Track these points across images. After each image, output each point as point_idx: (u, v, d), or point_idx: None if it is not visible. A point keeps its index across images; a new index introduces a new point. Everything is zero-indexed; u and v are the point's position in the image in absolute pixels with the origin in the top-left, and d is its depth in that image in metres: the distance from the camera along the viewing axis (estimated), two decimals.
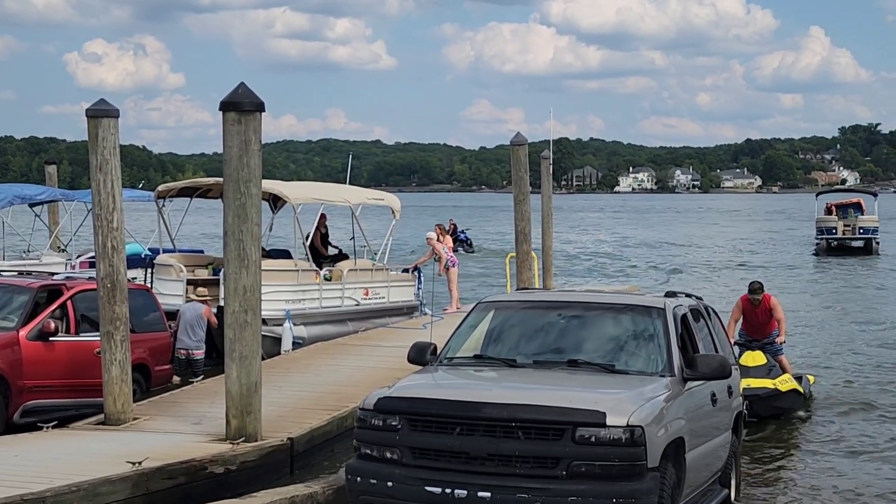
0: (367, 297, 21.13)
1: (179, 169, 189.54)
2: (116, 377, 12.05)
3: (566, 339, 9.28)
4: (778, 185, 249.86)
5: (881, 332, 24.40)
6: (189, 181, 23.01)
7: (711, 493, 9.62)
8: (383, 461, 8.00)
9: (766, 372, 15.11)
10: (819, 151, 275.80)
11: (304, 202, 20.50)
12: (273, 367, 15.24)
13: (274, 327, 18.08)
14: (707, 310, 10.68)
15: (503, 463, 7.66)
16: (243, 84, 11.26)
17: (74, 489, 8.84)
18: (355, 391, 13.02)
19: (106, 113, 12.06)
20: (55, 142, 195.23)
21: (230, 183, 11.06)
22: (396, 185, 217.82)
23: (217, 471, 10.18)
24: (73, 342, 13.71)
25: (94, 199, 12.12)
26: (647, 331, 9.15)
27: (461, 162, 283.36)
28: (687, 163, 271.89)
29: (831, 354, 21.17)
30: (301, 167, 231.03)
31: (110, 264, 12.09)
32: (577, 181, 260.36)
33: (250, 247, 11.08)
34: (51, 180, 32.28)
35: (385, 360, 15.72)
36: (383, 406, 8.13)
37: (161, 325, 15.47)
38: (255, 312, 11.18)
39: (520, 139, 22.33)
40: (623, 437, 7.54)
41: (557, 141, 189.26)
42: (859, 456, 13.19)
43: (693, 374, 8.85)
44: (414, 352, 9.40)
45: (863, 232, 51.73)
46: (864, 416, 15.43)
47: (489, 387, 8.69)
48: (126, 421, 12.03)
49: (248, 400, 11.09)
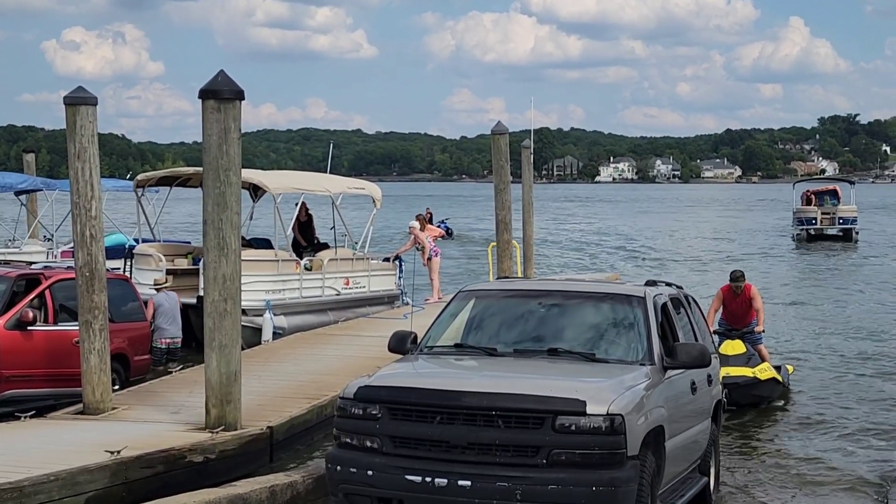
0: (348, 287, 21.09)
1: (159, 158, 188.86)
2: (95, 366, 12.00)
3: (546, 327, 9.27)
4: (758, 175, 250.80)
5: (860, 321, 24.53)
6: (168, 170, 22.95)
7: (691, 481, 9.66)
8: (363, 450, 7.98)
9: (746, 360, 15.19)
10: (798, 141, 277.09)
11: (284, 191, 20.44)
12: (253, 357, 15.21)
13: (254, 317, 18.04)
14: (687, 299, 10.71)
15: (483, 451, 7.66)
16: (223, 72, 11.21)
17: (52, 478, 8.80)
18: (335, 380, 13.01)
19: (84, 100, 11.99)
20: (33, 130, 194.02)
21: (209, 171, 11.01)
22: (377, 174, 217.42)
23: (196, 460, 10.15)
24: (52, 331, 13.64)
25: (73, 188, 12.05)
26: (627, 319, 9.16)
27: (442, 151, 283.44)
28: (667, 153, 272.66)
29: (811, 343, 21.26)
30: (282, 156, 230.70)
31: (89, 253, 12.02)
32: (558, 171, 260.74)
33: (230, 235, 11.04)
34: (29, 169, 32.10)
35: (365, 350, 15.70)
36: (363, 395, 8.11)
37: (140, 315, 15.41)
38: (235, 301, 11.14)
39: (500, 128, 22.33)
40: (603, 426, 7.55)
41: (538, 130, 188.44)
42: (838, 443, 13.25)
43: (673, 363, 8.86)
44: (394, 341, 9.39)
45: (842, 222, 52.38)
46: (843, 404, 15.51)
47: (469, 376, 8.68)
48: (105, 410, 11.98)
49: (227, 389, 11.06)
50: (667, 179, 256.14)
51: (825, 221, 52.58)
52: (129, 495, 9.26)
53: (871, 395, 16.13)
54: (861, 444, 13.17)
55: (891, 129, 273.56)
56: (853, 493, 11.02)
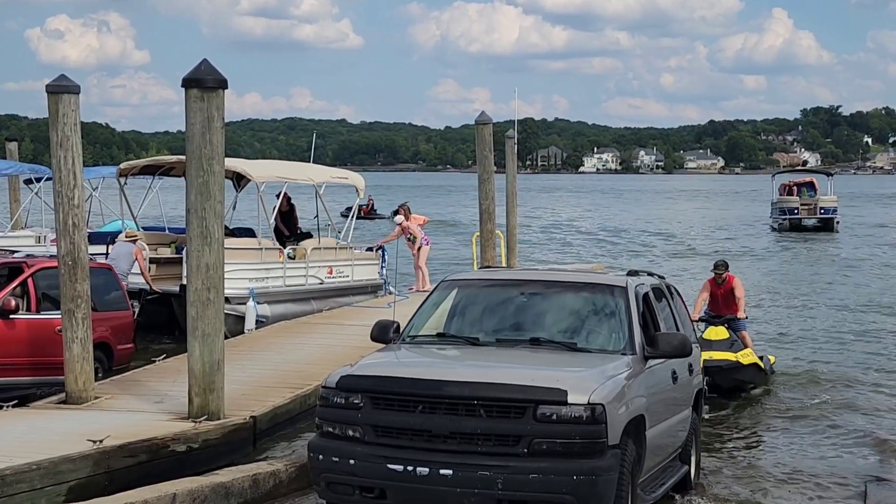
0: (331, 276, 21.09)
1: (143, 147, 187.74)
2: (78, 355, 11.97)
3: (528, 317, 9.30)
4: (740, 166, 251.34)
5: (841, 311, 24.68)
6: (152, 159, 22.85)
7: (672, 470, 9.72)
8: (345, 439, 8.00)
9: (729, 346, 15.37)
10: (781, 133, 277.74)
11: (268, 181, 20.42)
12: (236, 346, 15.20)
13: (237, 306, 18.02)
14: (669, 289, 10.76)
15: (465, 441, 7.68)
16: (206, 61, 11.18)
17: (35, 467, 8.80)
18: (318, 369, 13.00)
19: (66, 89, 11.95)
20: (17, 119, 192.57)
21: (193, 160, 11.00)
22: (362, 164, 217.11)
23: (179, 449, 10.15)
24: (34, 320, 13.62)
25: (55, 176, 12.02)
26: (608, 309, 9.20)
27: (426, 141, 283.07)
28: (651, 143, 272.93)
29: (793, 333, 21.36)
30: (266, 146, 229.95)
31: (71, 241, 11.99)
32: (542, 161, 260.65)
33: (213, 224, 11.03)
34: (12, 157, 32.03)
35: (349, 339, 15.71)
36: (345, 384, 8.13)
37: (123, 304, 15.38)
38: (218, 290, 11.13)
39: (484, 118, 22.34)
40: (584, 415, 7.58)
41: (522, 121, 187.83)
42: (818, 434, 13.33)
43: (654, 353, 8.91)
44: (377, 330, 9.41)
45: (823, 212, 53.49)
46: (825, 392, 15.61)
47: (451, 365, 8.71)
48: (87, 399, 11.96)
49: (210, 378, 11.05)
50: (650, 170, 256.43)
51: (806, 212, 53.39)
52: (111, 484, 9.26)
53: (852, 386, 16.22)
54: (841, 436, 13.24)
55: (872, 121, 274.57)
56: (831, 485, 11.06)
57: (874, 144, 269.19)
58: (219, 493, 9.13)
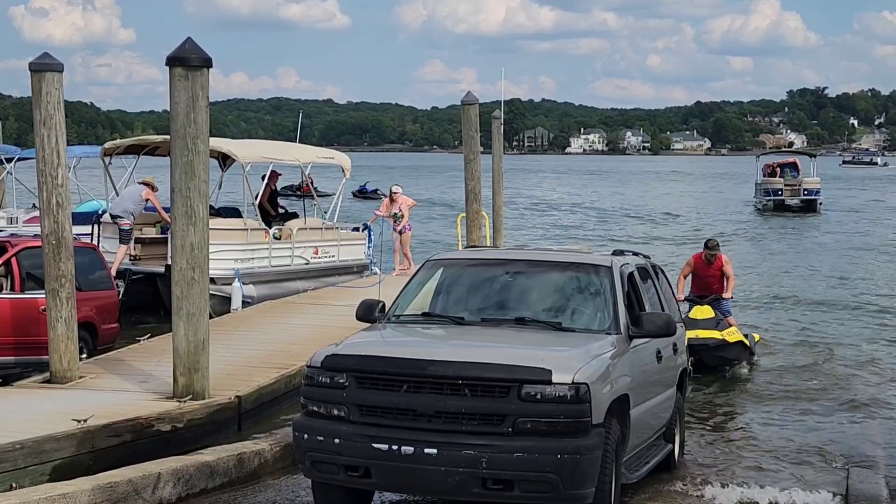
0: (317, 256, 21.07)
1: (128, 126, 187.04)
2: (62, 335, 11.95)
3: (513, 296, 9.31)
4: (727, 148, 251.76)
5: (826, 290, 24.83)
6: (136, 139, 22.75)
7: (656, 449, 9.76)
8: (330, 418, 8.00)
9: (715, 324, 15.45)
10: (767, 114, 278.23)
11: (253, 161, 20.36)
12: (221, 326, 15.18)
13: (223, 286, 17.99)
14: (654, 268, 10.77)
15: (450, 420, 7.68)
16: (190, 39, 11.13)
17: (19, 447, 8.79)
18: (304, 349, 12.97)
19: (49, 67, 11.89)
20: (1, 97, 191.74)
21: (177, 139, 10.96)
22: (348, 144, 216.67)
23: (164, 428, 10.15)
24: (18, 299, 13.57)
25: (38, 155, 11.96)
26: (593, 288, 9.20)
27: (413, 122, 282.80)
28: (638, 125, 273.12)
29: (777, 313, 21.46)
30: (252, 126, 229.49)
31: (55, 220, 11.95)
32: (529, 142, 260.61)
33: (198, 203, 11.00)
34: None
35: (334, 319, 15.71)
36: (331, 363, 8.12)
37: (108, 284, 15.33)
38: (203, 270, 11.11)
39: (470, 98, 22.31)
40: (568, 395, 7.60)
41: (509, 101, 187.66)
42: (801, 414, 13.38)
43: (639, 332, 8.93)
44: (362, 309, 9.40)
45: (806, 193, 54.02)
46: (809, 371, 15.70)
47: (436, 344, 8.70)
48: (72, 379, 11.94)
49: (195, 357, 11.05)
50: (637, 151, 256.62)
51: (790, 192, 53.82)
52: (95, 464, 9.25)
53: (837, 364, 16.30)
54: (826, 415, 13.30)
55: (858, 103, 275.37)
56: (814, 465, 11.11)
57: (860, 126, 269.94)
58: (204, 472, 9.14)
